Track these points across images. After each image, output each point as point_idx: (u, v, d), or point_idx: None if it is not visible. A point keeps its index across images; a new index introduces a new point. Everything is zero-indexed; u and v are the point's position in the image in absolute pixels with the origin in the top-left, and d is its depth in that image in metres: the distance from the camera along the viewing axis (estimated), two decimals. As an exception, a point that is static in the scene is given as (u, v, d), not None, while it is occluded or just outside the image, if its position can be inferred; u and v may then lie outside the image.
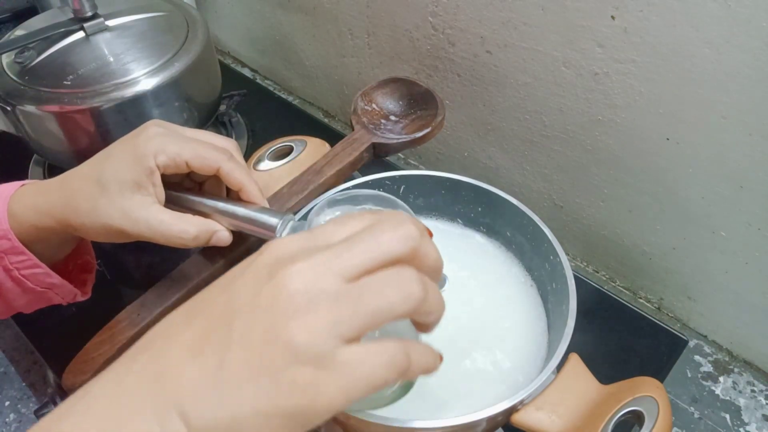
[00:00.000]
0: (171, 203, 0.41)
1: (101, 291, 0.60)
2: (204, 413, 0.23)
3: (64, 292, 0.43)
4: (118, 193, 0.37)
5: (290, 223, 0.41)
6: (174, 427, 0.23)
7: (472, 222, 0.50)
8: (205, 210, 0.42)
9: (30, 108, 0.55)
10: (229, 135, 0.75)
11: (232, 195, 0.43)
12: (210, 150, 0.40)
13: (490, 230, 0.49)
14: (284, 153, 0.55)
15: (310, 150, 0.55)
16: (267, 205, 0.43)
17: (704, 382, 0.56)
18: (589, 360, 0.38)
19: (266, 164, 0.54)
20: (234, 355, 0.23)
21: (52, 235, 0.40)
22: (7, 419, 0.57)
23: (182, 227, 0.39)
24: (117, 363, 0.26)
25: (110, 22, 0.60)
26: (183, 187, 0.44)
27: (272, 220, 0.41)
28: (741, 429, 0.52)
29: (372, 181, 0.48)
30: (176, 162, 0.39)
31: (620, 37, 0.48)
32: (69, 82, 0.56)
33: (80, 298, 0.45)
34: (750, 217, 0.49)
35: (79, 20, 0.58)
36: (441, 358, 0.29)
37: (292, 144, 0.55)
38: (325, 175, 0.51)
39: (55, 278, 0.41)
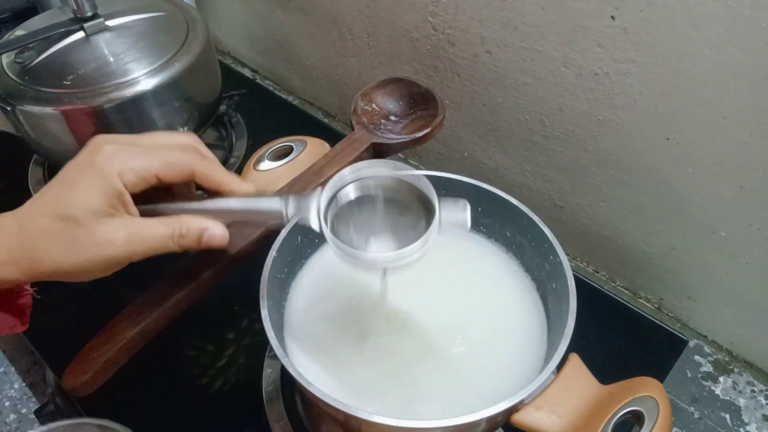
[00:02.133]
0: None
1: (101, 291, 0.60)
2: None
3: (2, 324, 0.40)
4: (95, 222, 0.33)
5: (291, 199, 0.38)
6: None
7: (472, 222, 0.50)
8: (190, 213, 0.38)
9: (30, 108, 0.55)
10: (229, 135, 0.75)
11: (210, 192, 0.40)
12: (177, 154, 0.37)
13: (490, 230, 0.49)
14: (284, 153, 0.55)
15: (310, 150, 0.55)
16: (254, 190, 0.40)
17: (704, 382, 0.56)
18: (589, 360, 0.38)
19: (266, 164, 0.54)
20: None
21: (5, 283, 0.35)
22: (7, 419, 0.57)
23: (164, 231, 0.35)
24: None
25: (110, 22, 0.60)
26: (152, 196, 0.39)
27: (274, 202, 0.38)
28: (741, 429, 0.52)
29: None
30: (145, 178, 0.35)
31: (620, 37, 0.48)
32: (69, 82, 0.56)
33: (19, 329, 0.41)
34: (750, 217, 0.49)
35: (79, 20, 0.58)
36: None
37: (292, 144, 0.55)
38: (325, 175, 0.51)
39: None
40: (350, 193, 0.38)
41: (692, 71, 0.46)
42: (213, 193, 0.39)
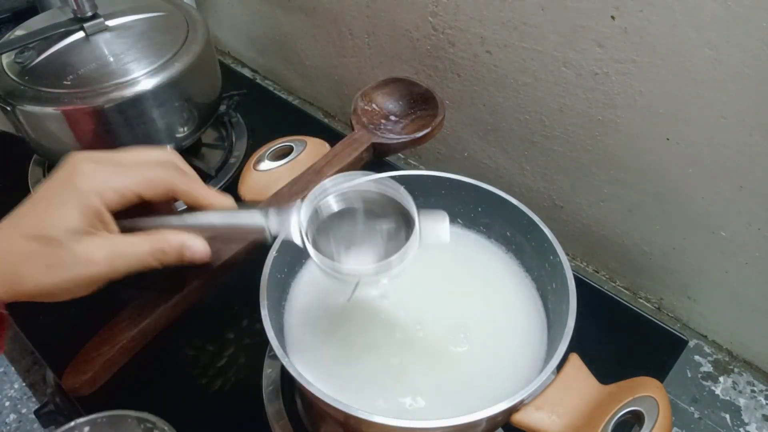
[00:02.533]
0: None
1: (101, 291, 0.60)
2: None
3: None
4: (75, 242, 0.33)
5: (272, 213, 0.37)
6: None
7: (472, 222, 0.50)
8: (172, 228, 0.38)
9: (30, 108, 0.55)
10: (229, 135, 0.75)
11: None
12: (156, 171, 0.36)
13: (490, 230, 0.49)
14: (284, 153, 0.55)
15: (310, 150, 0.55)
16: (234, 205, 0.40)
17: (704, 382, 0.56)
18: (589, 360, 0.38)
19: (266, 164, 0.54)
20: None
21: None
22: (7, 419, 0.57)
23: (144, 248, 0.35)
24: None
25: (110, 22, 0.60)
26: (132, 213, 0.38)
27: (255, 216, 0.37)
28: (741, 429, 0.52)
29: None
30: (125, 196, 0.35)
31: (620, 37, 0.48)
32: (69, 82, 0.56)
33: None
34: (750, 217, 0.49)
35: (79, 20, 0.58)
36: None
37: (292, 144, 0.55)
38: (325, 175, 0.51)
39: None
40: (332, 205, 0.39)
41: (692, 71, 0.46)
42: (194, 209, 0.38)
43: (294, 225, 0.37)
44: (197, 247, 0.37)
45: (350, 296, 0.44)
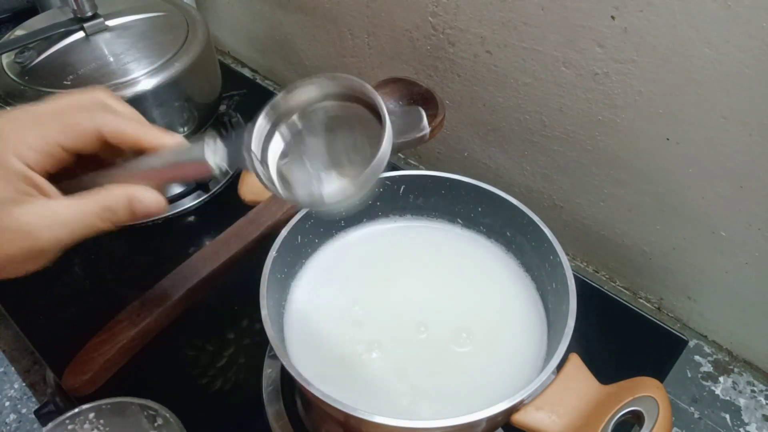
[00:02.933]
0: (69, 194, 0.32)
1: (101, 291, 0.60)
2: None
3: None
4: (5, 214, 0.29)
5: (215, 142, 0.33)
6: None
7: (472, 222, 0.50)
8: (117, 181, 0.33)
9: (30, 108, 0.55)
10: (229, 135, 0.75)
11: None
12: (77, 115, 0.31)
13: (490, 230, 0.49)
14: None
15: (310, 150, 0.54)
16: (178, 142, 0.34)
17: (704, 382, 0.56)
18: (589, 360, 0.38)
19: (266, 164, 0.54)
20: None
21: None
22: (7, 419, 0.57)
23: (86, 208, 0.31)
24: None
25: (110, 22, 0.60)
26: (81, 169, 0.34)
27: (197, 149, 0.32)
28: (741, 429, 0.52)
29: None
30: (49, 152, 0.30)
31: (620, 37, 0.48)
32: (69, 82, 0.56)
33: None
34: (750, 217, 0.49)
35: (79, 20, 0.58)
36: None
37: (292, 144, 0.55)
38: (325, 175, 0.51)
39: None
40: (295, 123, 0.34)
41: (692, 71, 0.46)
42: (137, 154, 0.33)
43: (245, 151, 0.32)
44: (148, 200, 0.32)
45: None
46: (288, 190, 0.33)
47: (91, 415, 0.41)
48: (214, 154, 0.32)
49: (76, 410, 0.40)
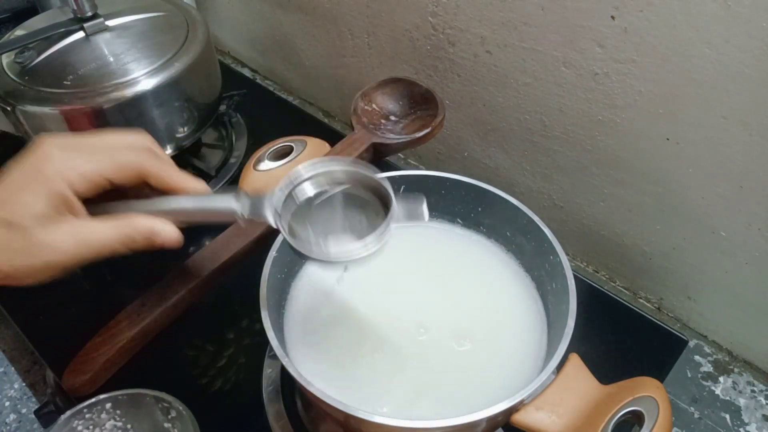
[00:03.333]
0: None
1: (101, 291, 0.60)
2: None
3: None
4: (41, 228, 0.32)
5: (244, 197, 0.37)
6: None
7: (472, 222, 0.50)
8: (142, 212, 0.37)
9: (30, 108, 0.55)
10: (229, 135, 0.75)
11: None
12: (127, 154, 0.35)
13: (490, 230, 0.49)
14: (284, 153, 0.55)
15: (310, 150, 0.55)
16: (207, 189, 0.39)
17: (704, 382, 0.56)
18: (589, 360, 0.38)
19: (266, 164, 0.54)
20: None
21: None
22: (7, 419, 0.57)
23: (111, 233, 0.34)
24: None
25: (110, 22, 0.60)
26: (105, 198, 0.37)
27: (228, 200, 0.37)
28: (741, 429, 0.52)
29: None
30: (95, 182, 0.34)
31: (620, 37, 0.48)
32: (69, 82, 0.56)
33: None
34: (750, 217, 0.49)
35: (79, 20, 0.58)
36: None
37: (292, 144, 0.55)
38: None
39: None
40: (307, 190, 0.38)
41: (692, 71, 0.46)
42: (166, 193, 0.38)
43: (268, 208, 0.37)
44: (167, 233, 0.36)
45: (340, 277, 0.45)
46: (303, 242, 0.37)
47: (108, 405, 0.42)
48: (241, 205, 0.37)
49: (93, 400, 0.41)
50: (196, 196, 0.38)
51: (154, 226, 0.35)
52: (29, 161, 0.34)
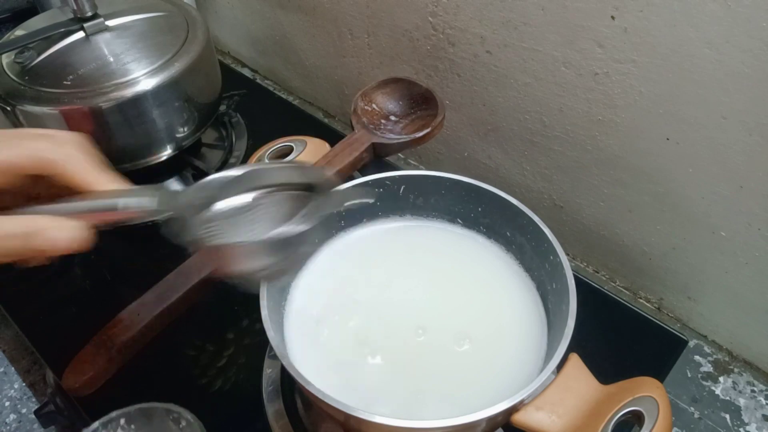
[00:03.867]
0: None
1: (101, 291, 0.60)
2: None
3: None
4: None
5: (162, 193, 0.33)
6: None
7: (472, 222, 0.50)
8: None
9: (30, 108, 0.55)
10: (229, 135, 0.75)
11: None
12: (45, 144, 0.32)
13: (490, 230, 0.49)
14: (284, 153, 0.55)
15: (310, 150, 0.55)
16: (124, 188, 0.34)
17: (704, 382, 0.56)
18: (589, 360, 0.38)
19: (266, 164, 0.54)
20: None
21: None
22: (7, 419, 0.56)
23: (10, 228, 0.30)
24: None
25: (110, 22, 0.60)
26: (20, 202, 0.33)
27: (144, 200, 0.33)
28: (741, 429, 0.52)
29: (372, 181, 0.48)
30: (2, 170, 0.31)
31: (620, 37, 0.48)
32: (69, 82, 0.56)
33: None
34: (750, 217, 0.49)
35: (79, 20, 0.58)
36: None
37: (292, 144, 0.55)
38: (325, 175, 0.51)
39: None
40: (238, 198, 0.36)
41: (692, 71, 0.46)
42: (80, 192, 0.34)
43: (183, 202, 0.33)
44: (60, 231, 0.31)
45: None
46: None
47: (122, 420, 0.42)
48: (155, 200, 0.33)
49: (106, 418, 0.41)
50: (108, 197, 0.33)
51: (49, 224, 0.31)
52: None
